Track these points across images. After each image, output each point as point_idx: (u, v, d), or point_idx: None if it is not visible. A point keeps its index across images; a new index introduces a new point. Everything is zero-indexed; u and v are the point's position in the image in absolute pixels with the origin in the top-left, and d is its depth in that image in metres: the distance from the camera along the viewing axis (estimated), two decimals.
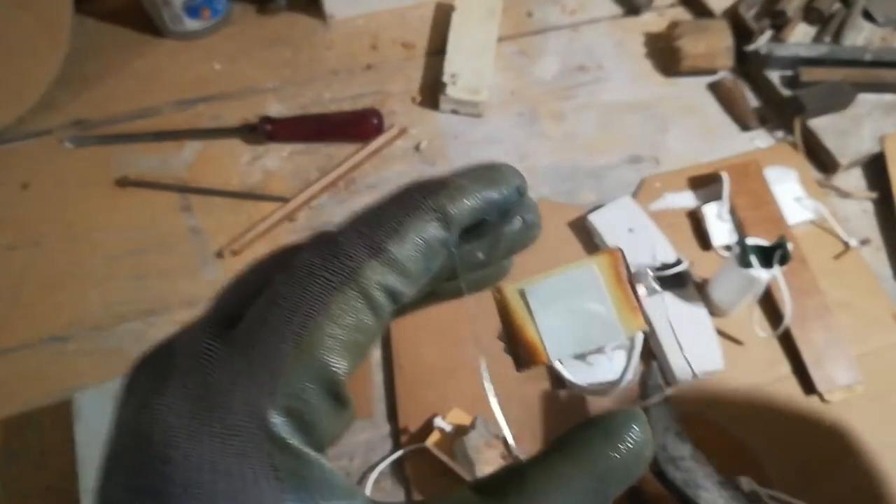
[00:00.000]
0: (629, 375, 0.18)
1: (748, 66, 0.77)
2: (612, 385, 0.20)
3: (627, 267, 0.18)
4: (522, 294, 0.18)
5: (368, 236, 0.16)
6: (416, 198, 0.16)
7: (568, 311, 0.17)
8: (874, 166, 0.71)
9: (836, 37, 0.78)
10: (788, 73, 0.74)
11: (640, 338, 0.19)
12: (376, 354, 0.58)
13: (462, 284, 0.18)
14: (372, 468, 0.53)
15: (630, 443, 0.16)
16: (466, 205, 0.17)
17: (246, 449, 0.14)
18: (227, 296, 0.17)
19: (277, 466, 0.14)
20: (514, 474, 0.15)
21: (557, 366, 0.19)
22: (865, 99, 0.73)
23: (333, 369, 0.15)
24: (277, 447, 0.14)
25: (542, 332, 0.17)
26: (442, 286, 0.19)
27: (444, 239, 0.16)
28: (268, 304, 0.15)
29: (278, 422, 0.14)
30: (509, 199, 0.18)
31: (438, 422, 0.53)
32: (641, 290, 0.18)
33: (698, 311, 0.60)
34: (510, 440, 0.16)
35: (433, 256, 0.16)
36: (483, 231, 0.18)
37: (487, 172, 0.18)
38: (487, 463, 0.50)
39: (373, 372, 0.58)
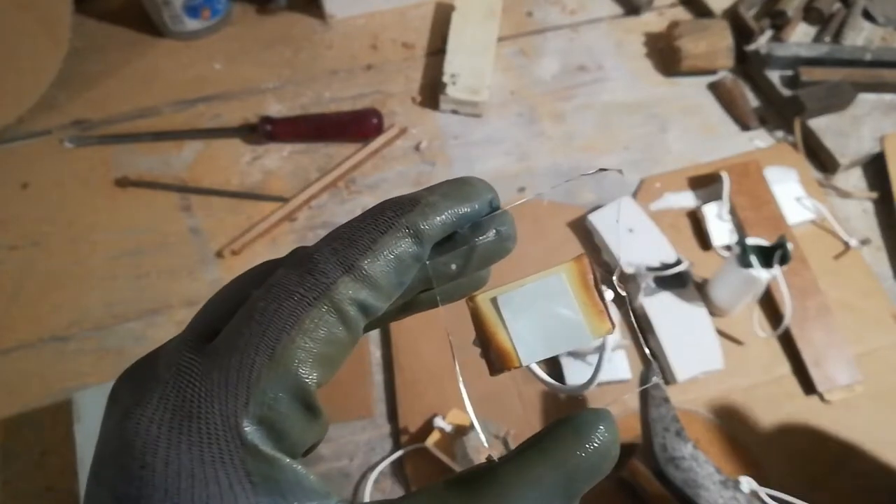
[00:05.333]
0: (599, 377, 0.18)
1: (748, 65, 0.77)
2: (584, 386, 0.20)
3: (594, 272, 0.18)
4: (494, 302, 0.18)
5: (342, 253, 0.17)
6: (389, 215, 0.17)
7: (538, 317, 0.18)
8: (874, 166, 0.71)
9: (836, 37, 0.78)
10: (788, 72, 0.74)
11: (610, 340, 0.20)
12: (376, 354, 0.58)
13: (437, 294, 0.19)
14: (372, 468, 0.53)
15: (598, 442, 0.16)
16: (437, 220, 0.18)
17: (222, 455, 0.15)
18: (207, 311, 0.18)
19: (251, 472, 0.15)
20: (487, 470, 0.16)
21: (533, 367, 0.20)
22: (865, 99, 0.73)
23: (305, 380, 0.16)
24: (250, 454, 0.15)
25: (513, 338, 0.18)
26: (419, 297, 0.20)
27: (415, 254, 0.17)
28: (244, 319, 0.16)
29: (251, 430, 0.15)
30: (480, 212, 0.18)
31: (438, 422, 0.53)
32: (609, 294, 0.19)
33: (698, 311, 0.60)
34: (482, 437, 0.17)
35: (405, 271, 0.17)
36: (456, 243, 0.19)
37: (459, 187, 0.18)
38: None
39: (373, 372, 0.58)
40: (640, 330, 0.60)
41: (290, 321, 0.16)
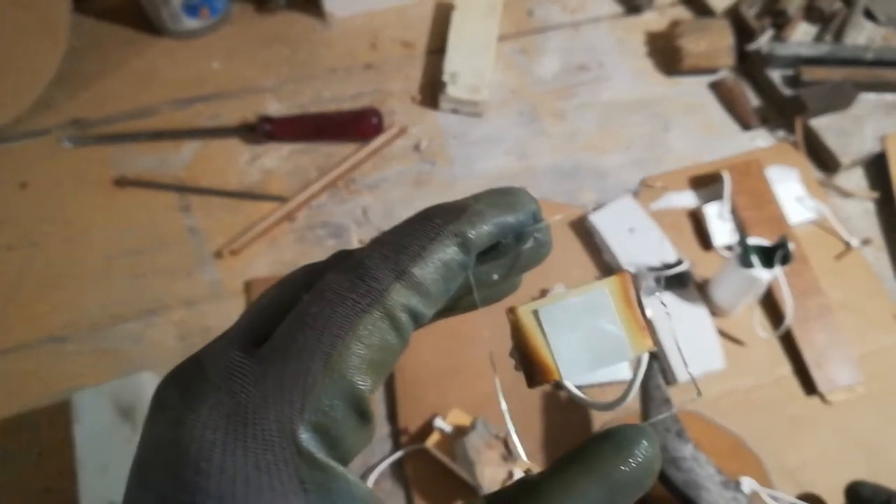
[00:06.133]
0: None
1: (749, 65, 0.77)
2: (618, 402, 0.20)
3: (636, 289, 0.19)
4: (536, 315, 0.18)
5: (393, 260, 0.17)
6: (438, 223, 0.17)
7: (579, 331, 0.18)
8: (876, 166, 0.70)
9: (838, 36, 0.77)
10: (789, 72, 0.74)
11: (645, 357, 0.19)
12: None
13: (477, 301, 0.19)
14: (371, 469, 0.53)
15: (640, 456, 0.16)
16: (484, 230, 0.18)
17: (277, 463, 0.15)
18: (254, 314, 0.18)
19: (305, 479, 0.15)
20: (528, 486, 0.16)
21: (567, 383, 0.20)
22: (867, 98, 0.73)
23: (360, 387, 0.16)
24: (305, 461, 0.15)
25: (554, 351, 0.18)
26: (456, 301, 0.20)
27: (463, 262, 0.17)
28: (297, 324, 0.16)
29: (307, 437, 0.15)
30: (525, 223, 0.18)
31: (438, 422, 0.52)
32: (649, 311, 0.19)
33: (699, 312, 0.59)
34: (521, 453, 0.17)
35: (453, 279, 0.17)
36: (498, 252, 0.19)
37: (504, 198, 0.19)
38: (487, 464, 0.50)
39: None
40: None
41: (345, 328, 0.16)
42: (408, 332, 0.17)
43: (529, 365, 0.18)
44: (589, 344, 0.18)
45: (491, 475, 0.50)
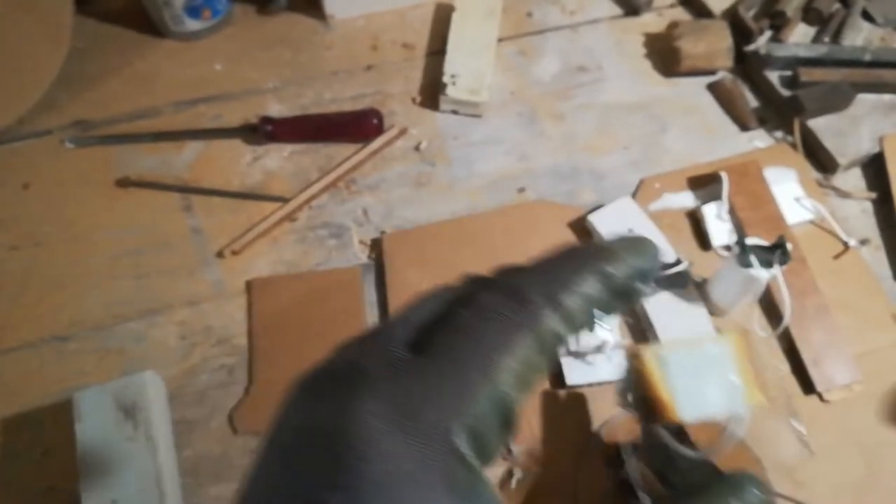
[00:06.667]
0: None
1: (747, 66, 0.77)
2: (720, 447, 0.22)
3: (754, 347, 0.20)
4: (659, 359, 0.20)
5: (545, 285, 0.18)
6: (588, 261, 0.19)
7: (699, 378, 0.19)
8: (873, 166, 0.71)
9: (836, 37, 0.78)
10: (788, 73, 0.75)
11: (749, 411, 0.21)
12: None
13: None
14: None
15: (752, 499, 0.19)
16: (625, 272, 0.19)
17: (432, 457, 0.15)
18: (411, 320, 0.19)
19: (454, 479, 0.15)
20: None
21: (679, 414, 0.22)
22: (865, 99, 0.73)
23: (511, 399, 0.17)
24: (458, 461, 0.16)
25: (675, 393, 0.19)
26: None
27: (603, 300, 0.19)
28: (457, 334, 0.18)
29: (462, 439, 0.16)
30: (653, 270, 0.21)
31: None
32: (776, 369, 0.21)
33: (698, 311, 0.60)
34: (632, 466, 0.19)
35: (592, 311, 0.19)
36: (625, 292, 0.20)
37: (639, 246, 0.21)
38: None
39: None
40: (641, 330, 0.60)
41: (503, 344, 0.17)
42: (552, 356, 0.18)
43: (650, 402, 0.19)
44: (708, 390, 0.19)
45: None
